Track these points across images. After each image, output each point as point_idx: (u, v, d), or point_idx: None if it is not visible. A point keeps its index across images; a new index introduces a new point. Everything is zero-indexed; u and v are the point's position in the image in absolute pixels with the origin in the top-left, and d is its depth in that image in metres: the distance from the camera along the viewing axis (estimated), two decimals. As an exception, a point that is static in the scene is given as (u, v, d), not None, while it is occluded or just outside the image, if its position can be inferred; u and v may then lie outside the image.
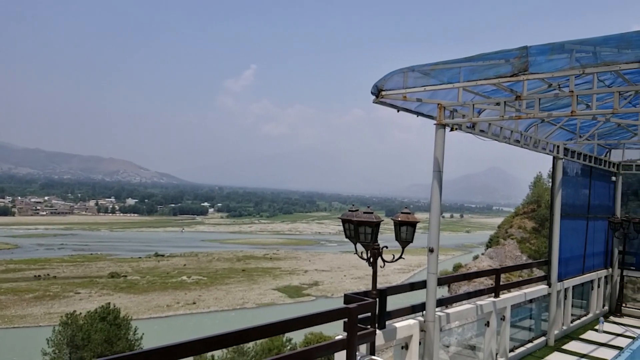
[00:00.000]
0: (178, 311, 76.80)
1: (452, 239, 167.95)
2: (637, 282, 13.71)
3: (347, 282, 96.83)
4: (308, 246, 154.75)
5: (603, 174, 12.68)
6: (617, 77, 6.68)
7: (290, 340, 38.28)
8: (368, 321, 5.33)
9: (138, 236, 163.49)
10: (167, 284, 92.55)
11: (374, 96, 6.27)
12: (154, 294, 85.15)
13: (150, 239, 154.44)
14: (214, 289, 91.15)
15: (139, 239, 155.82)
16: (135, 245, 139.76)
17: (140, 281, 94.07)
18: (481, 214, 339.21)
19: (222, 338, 3.90)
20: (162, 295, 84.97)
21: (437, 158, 6.47)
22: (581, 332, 11.01)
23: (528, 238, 51.73)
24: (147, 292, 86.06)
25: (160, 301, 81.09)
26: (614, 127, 10.36)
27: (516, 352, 9.04)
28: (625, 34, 4.79)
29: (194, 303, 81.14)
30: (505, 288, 9.02)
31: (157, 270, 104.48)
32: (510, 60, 5.43)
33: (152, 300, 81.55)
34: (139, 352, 3.68)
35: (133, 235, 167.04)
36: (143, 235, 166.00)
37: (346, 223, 5.32)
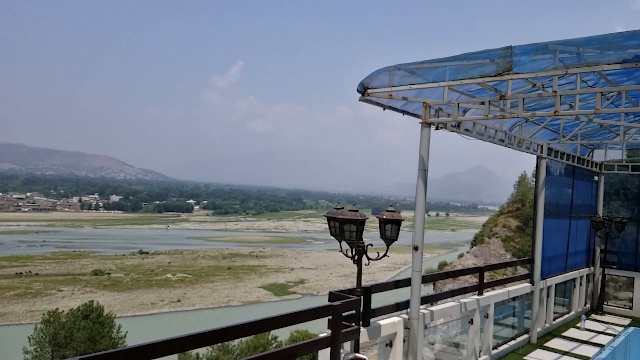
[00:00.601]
0: (162, 309, 76.28)
1: (438, 238, 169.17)
2: (618, 280, 13.94)
3: (333, 280, 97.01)
4: (294, 244, 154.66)
5: (586, 173, 12.86)
6: (600, 78, 6.77)
7: (276, 338, 38.25)
8: (352, 319, 5.35)
9: (122, 233, 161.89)
10: (151, 282, 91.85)
11: (360, 94, 6.28)
12: (138, 292, 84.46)
13: (134, 236, 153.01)
14: (199, 286, 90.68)
15: (123, 236, 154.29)
16: (119, 242, 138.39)
17: (124, 279, 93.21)
18: (466, 212, 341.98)
19: (204, 336, 3.88)
20: (147, 293, 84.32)
21: (422, 156, 6.50)
22: (563, 329, 11.16)
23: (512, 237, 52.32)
24: (131, 290, 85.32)
25: (144, 299, 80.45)
26: (596, 127, 10.50)
27: (499, 349, 9.13)
28: (607, 35, 4.85)
29: (178, 301, 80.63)
30: (489, 286, 9.11)
31: (141, 268, 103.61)
32: (494, 60, 5.48)
33: (136, 298, 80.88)
34: (120, 349, 3.64)
35: (117, 232, 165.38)
36: (127, 233, 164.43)
37: (331, 221, 5.32)
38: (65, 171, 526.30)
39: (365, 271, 5.66)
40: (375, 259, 5.43)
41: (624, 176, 13.62)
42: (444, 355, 8.13)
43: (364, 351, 6.14)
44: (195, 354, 36.48)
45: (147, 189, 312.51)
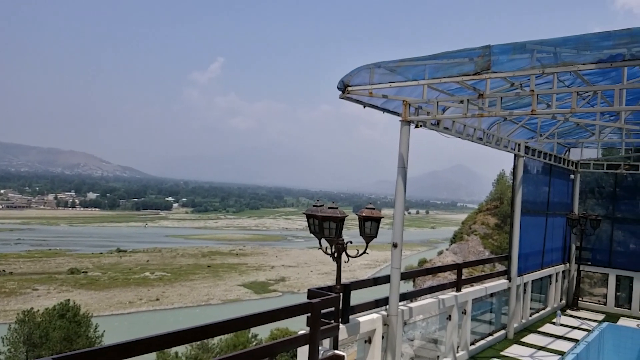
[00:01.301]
0: (141, 308, 75.49)
1: (418, 235, 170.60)
2: (593, 277, 14.24)
3: (313, 278, 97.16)
4: (275, 242, 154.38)
5: (562, 172, 13.08)
6: (576, 78, 6.88)
7: (256, 337, 38.18)
8: (332, 316, 5.34)
9: (99, 231, 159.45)
10: (129, 280, 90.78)
11: (341, 92, 6.27)
12: (116, 291, 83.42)
13: (112, 234, 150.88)
14: (178, 285, 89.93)
15: (100, 234, 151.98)
16: (96, 240, 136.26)
17: (102, 277, 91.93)
18: (446, 210, 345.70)
19: (181, 334, 3.83)
20: (124, 291, 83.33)
21: (402, 154, 6.53)
22: (539, 325, 11.34)
23: (491, 234, 53.08)
24: (109, 289, 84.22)
25: (122, 298, 79.49)
26: (573, 126, 10.69)
27: (477, 345, 9.24)
28: (583, 36, 4.93)
29: (157, 299, 79.88)
30: (466, 283, 9.20)
31: (119, 266, 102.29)
32: (473, 59, 5.52)
33: (113, 296, 79.85)
34: (96, 348, 3.57)
35: (94, 230, 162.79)
36: (104, 231, 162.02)
37: (311, 218, 5.31)
38: (41, 168, 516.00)
39: (346, 268, 5.67)
40: (355, 256, 5.44)
41: (599, 174, 13.91)
42: (423, 352, 8.19)
43: (344, 348, 6.15)
44: (175, 353, 36.20)
45: (125, 186, 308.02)
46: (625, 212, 13.44)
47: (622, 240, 13.46)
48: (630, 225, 13.34)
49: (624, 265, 13.07)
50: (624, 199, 13.46)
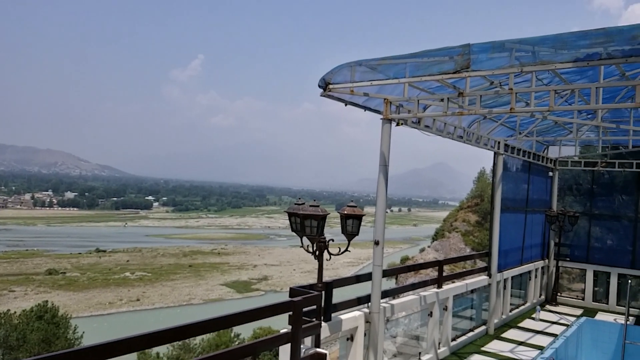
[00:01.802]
0: (121, 308, 74.52)
1: (400, 233, 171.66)
2: (572, 272, 14.50)
3: (296, 276, 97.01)
4: (257, 241, 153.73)
5: (541, 169, 13.28)
6: (554, 76, 6.98)
7: (238, 336, 37.97)
8: (314, 314, 5.34)
9: (78, 231, 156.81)
10: (109, 281, 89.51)
11: (322, 89, 6.26)
12: (95, 291, 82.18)
13: (90, 234, 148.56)
14: (159, 285, 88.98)
15: (78, 234, 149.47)
16: (74, 240, 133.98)
17: (80, 278, 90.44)
18: (428, 207, 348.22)
19: (161, 334, 3.78)
20: (104, 292, 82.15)
21: (383, 152, 6.56)
22: (519, 320, 11.50)
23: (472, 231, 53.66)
24: (88, 289, 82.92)
25: (101, 298, 78.35)
26: (551, 124, 10.86)
27: (458, 341, 9.33)
28: (560, 35, 5.00)
29: (137, 300, 78.92)
30: (447, 279, 9.28)
31: (98, 267, 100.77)
32: (453, 58, 5.56)
33: (93, 297, 78.66)
34: (73, 350, 3.50)
35: (72, 230, 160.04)
36: (83, 230, 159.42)
37: (292, 216, 5.30)
38: (17, 167, 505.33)
39: (329, 267, 5.67)
40: (337, 254, 5.44)
41: (576, 172, 14.16)
42: (406, 348, 8.24)
43: (327, 346, 6.15)
44: (156, 354, 35.83)
45: (103, 185, 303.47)
46: (602, 208, 13.70)
47: (599, 237, 13.74)
48: (607, 222, 13.61)
49: (601, 260, 13.33)
50: (601, 195, 13.72)
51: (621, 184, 13.43)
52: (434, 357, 8.37)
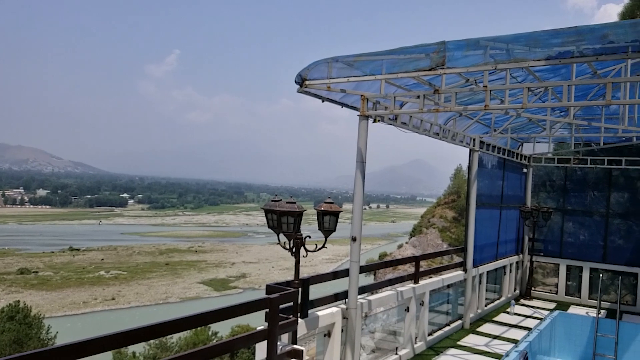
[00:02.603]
0: (96, 308, 73.34)
1: (378, 229, 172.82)
2: (546, 267, 14.80)
3: (275, 274, 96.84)
4: (235, 238, 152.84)
5: (516, 166, 13.51)
6: (528, 74, 7.09)
7: (216, 334, 37.75)
8: (290, 311, 5.33)
9: (50, 229, 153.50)
10: (83, 280, 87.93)
11: (298, 85, 6.24)
12: (69, 291, 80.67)
13: (64, 233, 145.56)
14: (134, 283, 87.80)
15: (51, 232, 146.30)
16: (47, 239, 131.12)
17: (54, 277, 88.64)
18: (406, 204, 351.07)
19: (134, 333, 3.72)
20: (78, 291, 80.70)
21: (360, 149, 6.57)
22: (494, 314, 11.69)
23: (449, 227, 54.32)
24: (61, 289, 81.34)
25: (75, 298, 76.97)
26: (525, 121, 11.04)
27: (434, 335, 9.43)
28: (534, 33, 5.07)
29: (113, 299, 77.78)
30: (424, 274, 9.36)
31: (72, 265, 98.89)
32: (429, 55, 5.60)
33: (66, 296, 77.21)
34: (44, 350, 3.41)
35: (45, 228, 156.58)
36: (56, 229, 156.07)
37: (269, 213, 5.27)
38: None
39: (307, 264, 5.67)
40: (313, 250, 5.43)
41: (550, 168, 14.44)
42: (383, 344, 8.30)
43: (306, 343, 6.15)
44: (132, 353, 35.38)
45: (77, 182, 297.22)
46: (574, 204, 14.00)
47: (572, 232, 14.04)
48: (579, 217, 13.92)
49: (574, 255, 13.63)
50: (574, 191, 14.02)
51: (593, 181, 13.74)
52: (410, 351, 8.45)
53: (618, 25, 4.80)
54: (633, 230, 13.30)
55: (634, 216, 13.24)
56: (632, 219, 13.29)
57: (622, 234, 13.39)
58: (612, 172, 13.31)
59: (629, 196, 13.45)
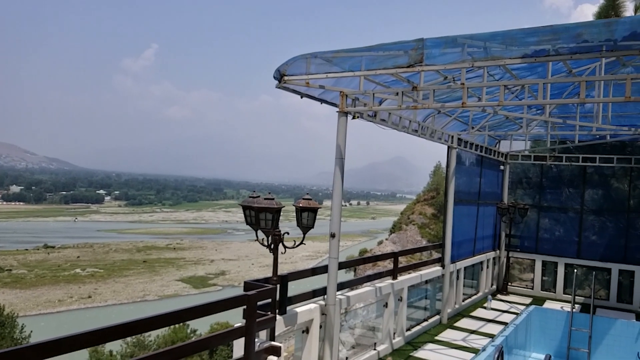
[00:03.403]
0: (71, 306, 72.05)
1: (359, 226, 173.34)
2: (523, 262, 15.06)
3: (254, 271, 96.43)
4: (214, 235, 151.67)
5: (493, 163, 13.68)
6: (506, 72, 7.17)
7: (195, 332, 37.43)
8: (268, 307, 5.30)
9: (24, 226, 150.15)
10: (58, 278, 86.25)
11: (277, 81, 6.20)
12: (44, 289, 79.07)
13: (38, 230, 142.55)
14: (111, 281, 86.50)
15: (25, 229, 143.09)
16: (21, 236, 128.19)
17: (28, 275, 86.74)
18: (386, 201, 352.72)
19: (109, 331, 3.66)
20: (53, 289, 79.16)
21: (339, 145, 6.57)
22: (472, 309, 11.84)
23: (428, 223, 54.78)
24: (36, 287, 79.69)
25: (51, 296, 75.50)
26: (502, 119, 11.18)
27: (412, 330, 9.51)
28: (510, 31, 5.12)
29: (89, 297, 76.49)
30: (403, 270, 9.43)
31: (46, 263, 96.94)
32: (407, 52, 5.61)
33: (41, 295, 75.67)
34: (13, 349, 3.32)
35: (18, 225, 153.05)
36: (30, 226, 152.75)
37: (247, 209, 5.23)
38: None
39: (287, 260, 5.65)
40: (292, 247, 5.41)
41: (526, 166, 14.67)
42: (363, 339, 8.34)
43: (286, 339, 6.14)
44: (109, 352, 34.90)
45: (52, 178, 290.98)
46: (550, 201, 14.26)
47: (548, 228, 14.30)
48: (554, 214, 14.19)
49: (549, 251, 13.89)
50: (550, 188, 14.28)
51: (568, 178, 14.02)
52: (389, 347, 8.50)
53: (592, 24, 4.88)
54: (606, 227, 13.61)
55: (607, 213, 13.54)
56: (605, 216, 13.60)
57: (596, 230, 13.69)
58: (586, 170, 13.59)
59: (602, 193, 13.75)
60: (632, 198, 13.26)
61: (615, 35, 4.67)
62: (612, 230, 13.48)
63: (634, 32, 4.53)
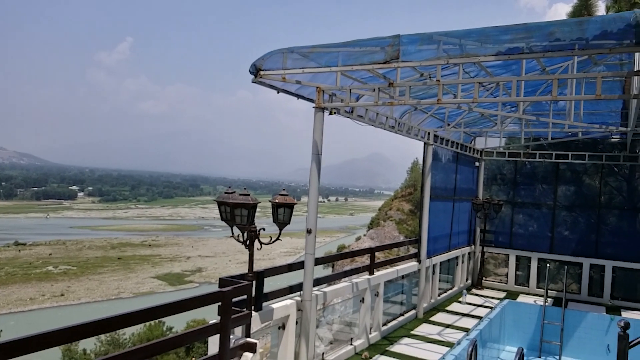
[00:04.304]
0: (43, 304, 70.55)
1: (337, 222, 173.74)
2: (497, 257, 15.32)
3: (232, 267, 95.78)
4: (191, 232, 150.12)
5: (468, 159, 13.86)
6: (481, 70, 7.25)
7: (171, 329, 37.07)
8: (244, 304, 5.26)
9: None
10: (30, 276, 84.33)
11: (253, 76, 6.15)
12: (15, 287, 77.22)
13: (8, 227, 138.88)
14: (85, 279, 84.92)
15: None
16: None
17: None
18: (364, 197, 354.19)
19: (81, 328, 3.58)
20: (25, 287, 77.37)
21: (315, 141, 6.56)
22: (447, 304, 11.99)
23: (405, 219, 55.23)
24: (6, 285, 77.75)
25: (22, 294, 73.78)
26: (477, 116, 11.32)
27: (388, 325, 9.57)
28: (484, 29, 5.17)
29: (62, 295, 75.02)
30: (379, 266, 9.48)
31: (17, 261, 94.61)
32: (384, 48, 5.62)
33: (12, 293, 73.89)
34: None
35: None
36: (0, 222, 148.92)
37: (222, 205, 5.17)
38: None
39: (265, 257, 5.62)
40: (268, 243, 5.38)
41: (501, 162, 14.91)
42: (342, 335, 8.36)
43: (262, 336, 6.11)
44: (82, 350, 34.33)
45: (22, 174, 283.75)
46: (524, 197, 14.53)
47: (522, 223, 14.58)
48: (528, 209, 14.46)
49: (523, 246, 14.15)
50: (523, 185, 14.54)
51: (541, 174, 14.30)
52: (365, 342, 8.54)
53: (564, 23, 4.96)
54: (578, 222, 13.93)
55: (579, 208, 13.87)
56: (577, 211, 13.93)
57: (568, 226, 14.01)
58: (559, 166, 13.88)
59: (574, 189, 14.08)
60: (603, 194, 13.60)
61: (587, 34, 4.75)
62: (583, 226, 13.80)
63: (605, 31, 4.62)
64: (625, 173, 13.49)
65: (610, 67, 8.72)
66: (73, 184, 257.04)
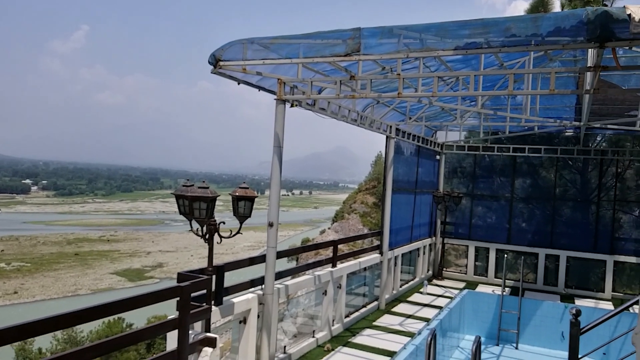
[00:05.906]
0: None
1: (301, 215, 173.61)
2: (458, 248, 15.68)
3: (194, 262, 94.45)
4: (151, 226, 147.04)
5: (430, 153, 14.08)
6: (441, 64, 7.34)
7: (131, 326, 36.33)
8: (203, 298, 5.18)
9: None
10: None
11: (212, 66, 6.02)
12: (-35, 285, 73.98)
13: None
14: (39, 276, 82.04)
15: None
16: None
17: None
18: (328, 190, 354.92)
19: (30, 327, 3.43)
20: (-25, 285, 74.20)
21: (277, 133, 6.51)
22: (409, 295, 12.18)
23: (369, 212, 55.72)
24: (-45, 284, 74.39)
25: (-28, 292, 70.77)
26: (438, 110, 11.50)
27: (351, 317, 9.65)
28: (444, 23, 5.23)
29: (15, 292, 72.30)
30: (342, 258, 9.52)
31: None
32: (345, 41, 5.61)
33: (-39, 292, 70.78)
34: None
35: None
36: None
37: (180, 199, 5.06)
38: None
39: (229, 251, 5.54)
40: (228, 237, 5.31)
41: (461, 155, 15.22)
42: (305, 328, 8.37)
43: (226, 330, 6.04)
44: (38, 349, 33.27)
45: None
46: (482, 189, 14.89)
47: (481, 215, 14.95)
48: (486, 202, 14.84)
49: (482, 237, 14.52)
50: (482, 177, 14.91)
51: (499, 167, 14.70)
52: (327, 334, 8.58)
53: (520, 19, 5.07)
54: (534, 214, 14.41)
55: (535, 200, 14.34)
56: (533, 203, 14.40)
57: (524, 217, 14.47)
58: (516, 160, 14.28)
59: (531, 182, 14.54)
60: (557, 187, 14.09)
61: (541, 30, 4.87)
62: (539, 217, 14.27)
63: (558, 27, 4.74)
64: (578, 166, 14.01)
65: (565, 63, 9.01)
66: (26, 178, 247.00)
